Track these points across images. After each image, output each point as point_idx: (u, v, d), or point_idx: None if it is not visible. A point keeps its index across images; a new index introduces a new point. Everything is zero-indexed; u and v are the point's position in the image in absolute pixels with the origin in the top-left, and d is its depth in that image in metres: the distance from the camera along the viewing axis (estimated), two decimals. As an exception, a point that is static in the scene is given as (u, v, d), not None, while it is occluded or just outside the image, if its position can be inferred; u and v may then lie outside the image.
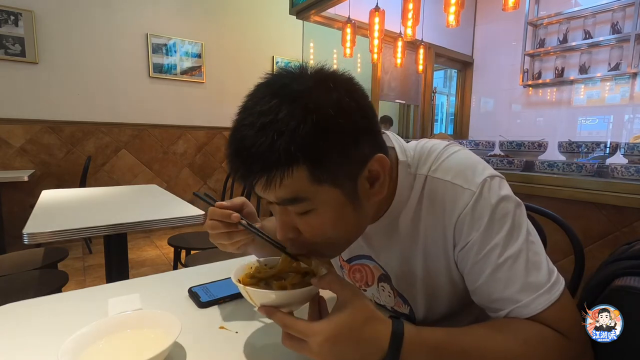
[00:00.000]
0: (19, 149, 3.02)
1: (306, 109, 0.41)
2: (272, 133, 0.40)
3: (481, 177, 0.50)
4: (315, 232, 0.47)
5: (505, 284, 0.48)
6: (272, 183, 0.42)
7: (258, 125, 0.41)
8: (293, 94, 0.42)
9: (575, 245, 0.74)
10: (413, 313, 0.63)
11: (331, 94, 0.43)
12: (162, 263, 2.84)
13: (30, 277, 1.37)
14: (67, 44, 3.16)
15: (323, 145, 0.42)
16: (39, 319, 0.60)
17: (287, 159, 0.40)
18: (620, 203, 1.29)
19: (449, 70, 5.46)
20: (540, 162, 1.64)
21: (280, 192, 0.43)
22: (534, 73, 4.11)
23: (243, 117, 0.44)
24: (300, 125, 0.40)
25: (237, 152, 0.43)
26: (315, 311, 0.47)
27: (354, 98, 0.45)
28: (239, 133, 0.43)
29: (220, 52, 4.00)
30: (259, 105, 0.43)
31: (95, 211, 1.42)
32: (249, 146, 0.41)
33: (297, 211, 0.46)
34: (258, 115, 0.42)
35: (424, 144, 0.58)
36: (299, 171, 0.41)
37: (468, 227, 0.50)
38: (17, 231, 1.04)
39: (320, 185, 0.43)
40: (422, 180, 0.54)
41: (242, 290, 0.47)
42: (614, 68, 3.49)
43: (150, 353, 0.43)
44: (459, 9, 2.60)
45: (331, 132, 0.42)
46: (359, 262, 0.66)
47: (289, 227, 0.48)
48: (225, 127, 4.12)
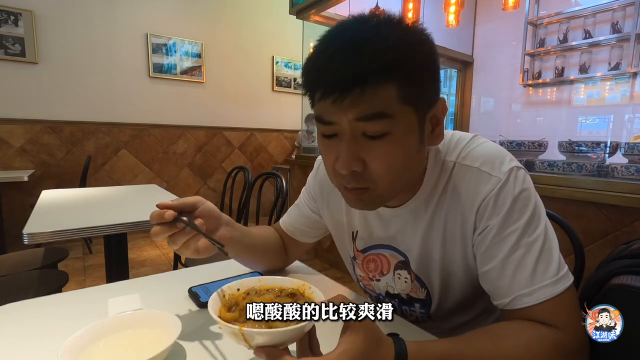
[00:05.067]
0: (19, 149, 3.02)
1: (401, 31, 0.45)
2: (372, 45, 0.43)
3: (508, 167, 0.52)
4: (385, 161, 0.47)
5: (514, 270, 0.49)
6: (366, 92, 0.43)
7: (360, 38, 0.43)
8: (385, 22, 0.46)
9: (575, 245, 0.74)
10: (430, 297, 0.64)
11: (417, 28, 0.48)
12: (162, 263, 2.84)
13: (30, 277, 1.37)
14: (67, 44, 3.16)
15: (415, 65, 0.45)
16: (39, 319, 0.60)
17: (386, 70, 0.43)
18: (620, 202, 1.29)
19: (449, 70, 5.46)
20: (540, 162, 1.65)
21: (369, 106, 0.44)
22: (534, 73, 4.10)
23: (334, 35, 0.46)
24: (398, 42, 0.44)
25: (332, 59, 0.44)
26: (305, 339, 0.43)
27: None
28: (333, 44, 0.45)
29: (220, 52, 4.00)
30: (349, 30, 0.45)
31: (95, 211, 1.42)
32: (349, 53, 0.43)
33: (375, 132, 0.45)
34: (355, 33, 0.44)
35: (452, 134, 0.60)
36: (391, 86, 0.44)
37: (490, 212, 0.51)
38: (17, 231, 1.04)
39: (405, 106, 0.45)
40: (451, 167, 0.56)
41: (231, 332, 0.38)
42: (614, 67, 3.49)
43: (150, 353, 0.43)
44: (458, 9, 2.60)
45: (423, 56, 0.46)
46: (375, 251, 0.67)
47: (355, 158, 0.47)
48: (225, 127, 4.12)
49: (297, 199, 0.80)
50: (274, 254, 0.78)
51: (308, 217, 0.77)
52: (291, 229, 0.79)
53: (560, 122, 4.03)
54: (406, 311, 0.69)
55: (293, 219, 0.79)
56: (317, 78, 0.46)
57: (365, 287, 0.74)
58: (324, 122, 0.48)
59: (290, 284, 0.49)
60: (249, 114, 4.26)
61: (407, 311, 0.68)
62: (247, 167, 1.96)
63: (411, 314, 0.68)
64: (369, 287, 0.72)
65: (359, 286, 0.77)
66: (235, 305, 0.46)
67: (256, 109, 4.32)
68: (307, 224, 0.78)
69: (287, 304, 0.39)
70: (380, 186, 0.49)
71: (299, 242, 0.80)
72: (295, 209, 0.80)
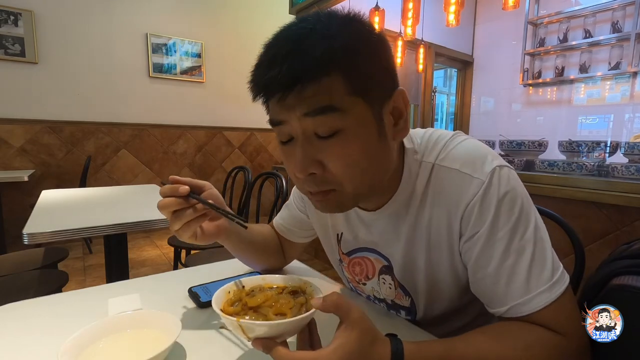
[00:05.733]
0: (19, 149, 3.02)
1: (344, 21, 0.45)
2: (311, 40, 0.42)
3: (491, 167, 0.49)
4: (341, 160, 0.45)
5: (507, 278, 0.47)
6: (307, 87, 0.42)
7: (298, 34, 0.43)
8: (328, 16, 0.45)
9: (575, 245, 0.74)
10: (414, 305, 0.62)
11: (362, 19, 0.47)
12: (162, 263, 2.84)
13: (30, 277, 1.37)
14: (67, 44, 3.16)
15: (359, 54, 0.44)
16: (39, 319, 0.59)
17: (325, 62, 0.42)
18: (620, 202, 1.29)
19: (449, 70, 5.46)
20: (540, 162, 1.65)
21: (314, 100, 0.43)
22: (534, 72, 4.11)
23: (277, 36, 0.45)
24: (338, 33, 0.43)
25: (274, 58, 0.43)
26: (306, 335, 0.43)
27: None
28: (275, 45, 0.44)
29: (220, 52, 4.00)
30: (293, 26, 0.45)
31: (95, 211, 1.42)
32: (287, 51, 0.42)
33: (326, 130, 0.44)
34: (295, 30, 0.44)
35: (431, 133, 0.57)
36: (335, 77, 0.43)
37: (476, 217, 0.49)
38: (17, 231, 1.04)
39: (354, 97, 0.44)
40: (429, 169, 0.53)
41: (230, 324, 0.41)
42: (614, 67, 3.49)
43: (150, 353, 0.43)
44: (459, 8, 2.60)
45: (368, 44, 0.45)
46: (360, 254, 0.66)
47: (311, 160, 0.46)
48: (225, 126, 4.12)
49: (288, 199, 0.80)
50: (272, 252, 0.78)
51: (297, 218, 0.77)
52: (283, 229, 0.79)
53: (560, 121, 4.03)
54: (393, 315, 0.67)
55: (284, 220, 0.79)
56: (260, 80, 0.45)
57: (355, 289, 0.74)
58: (274, 123, 0.47)
59: (292, 282, 0.51)
60: (249, 114, 4.26)
61: (394, 315, 0.67)
62: (247, 167, 1.96)
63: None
64: (359, 289, 0.72)
65: (349, 287, 0.76)
66: (238, 301, 0.47)
67: (256, 109, 4.23)
68: (296, 224, 0.77)
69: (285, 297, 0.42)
70: (346, 186, 0.47)
71: (292, 242, 0.80)
72: (286, 210, 0.80)
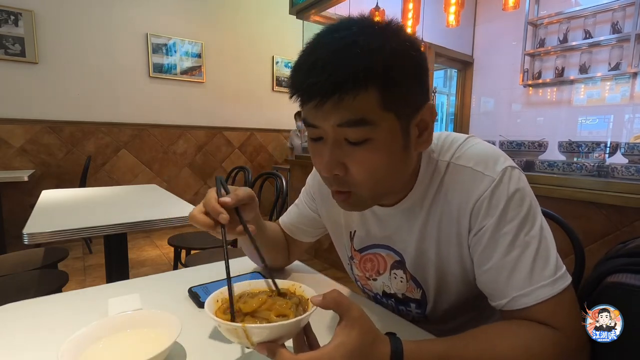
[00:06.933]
0: (19, 149, 3.02)
1: (384, 37, 0.45)
2: (353, 52, 0.43)
3: (502, 166, 0.52)
4: (365, 167, 0.48)
5: (511, 270, 0.49)
6: (344, 99, 0.43)
7: (339, 44, 0.44)
8: (370, 26, 0.46)
9: (575, 245, 0.74)
10: (425, 297, 0.64)
11: (403, 32, 0.47)
12: (162, 263, 2.84)
13: (30, 277, 1.37)
14: (67, 44, 3.16)
15: (397, 71, 0.45)
16: (39, 319, 0.59)
17: (365, 77, 0.43)
18: (620, 203, 1.29)
19: (449, 70, 5.47)
20: (540, 162, 1.65)
21: (349, 112, 0.44)
22: (534, 73, 4.11)
23: (319, 41, 0.46)
24: (379, 48, 0.43)
25: (314, 65, 0.44)
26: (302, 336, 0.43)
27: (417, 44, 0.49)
28: (316, 51, 0.45)
29: (220, 52, 4.00)
30: (336, 33, 0.45)
31: (95, 211, 1.42)
32: (328, 62, 0.43)
33: (356, 138, 0.46)
34: (338, 39, 0.44)
35: (447, 135, 0.60)
36: (372, 92, 0.44)
37: (484, 212, 0.51)
38: (17, 231, 1.04)
39: (387, 112, 0.45)
40: (445, 167, 0.56)
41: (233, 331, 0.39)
42: (614, 68, 3.49)
43: (150, 353, 0.43)
44: (459, 9, 2.60)
45: (406, 60, 0.46)
46: (372, 251, 0.67)
47: (337, 162, 0.48)
48: (225, 127, 4.12)
49: (297, 199, 0.81)
50: (280, 250, 0.79)
51: (307, 216, 0.78)
52: (291, 228, 0.80)
53: (560, 122, 4.03)
54: (402, 311, 0.69)
55: (293, 218, 0.80)
56: (300, 83, 0.46)
57: (363, 287, 0.75)
58: (308, 124, 0.49)
59: (280, 285, 0.49)
60: (249, 114, 4.26)
61: (403, 311, 0.69)
62: (247, 167, 1.96)
63: (407, 313, 0.68)
64: (367, 286, 0.73)
65: (357, 286, 0.77)
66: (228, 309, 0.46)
67: (256, 109, 4.32)
68: (306, 223, 0.78)
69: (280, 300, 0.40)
70: (362, 191, 0.50)
71: (297, 241, 0.81)
72: (294, 209, 0.80)
